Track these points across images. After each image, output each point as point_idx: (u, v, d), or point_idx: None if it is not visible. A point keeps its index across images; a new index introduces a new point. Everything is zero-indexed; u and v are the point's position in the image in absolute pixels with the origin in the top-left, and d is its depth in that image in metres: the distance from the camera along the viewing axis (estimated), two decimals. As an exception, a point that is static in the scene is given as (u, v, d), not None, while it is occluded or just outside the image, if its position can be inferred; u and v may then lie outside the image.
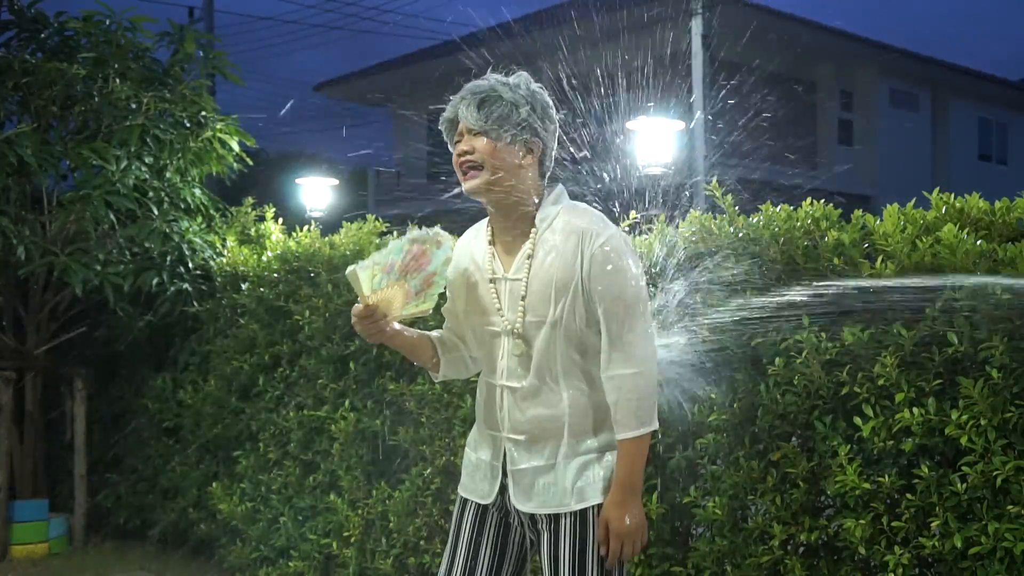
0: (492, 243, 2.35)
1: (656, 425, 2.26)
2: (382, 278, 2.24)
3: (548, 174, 2.35)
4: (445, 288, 2.40)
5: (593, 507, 2.26)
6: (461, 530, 2.39)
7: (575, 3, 18.62)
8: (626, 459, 2.23)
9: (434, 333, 2.49)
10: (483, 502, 2.37)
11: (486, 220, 2.40)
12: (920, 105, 21.26)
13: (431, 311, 2.36)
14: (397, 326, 2.35)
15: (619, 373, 2.22)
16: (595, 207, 2.37)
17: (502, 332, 2.29)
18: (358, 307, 2.25)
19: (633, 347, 2.22)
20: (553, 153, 2.35)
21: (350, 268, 2.22)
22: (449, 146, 2.34)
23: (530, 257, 2.27)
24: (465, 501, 2.42)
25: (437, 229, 2.33)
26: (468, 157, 2.25)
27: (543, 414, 2.27)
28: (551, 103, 2.33)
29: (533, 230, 2.28)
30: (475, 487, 2.39)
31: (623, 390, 2.22)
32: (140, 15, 5.76)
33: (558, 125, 2.35)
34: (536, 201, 2.30)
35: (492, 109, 2.23)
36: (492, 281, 2.31)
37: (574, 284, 2.22)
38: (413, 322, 2.46)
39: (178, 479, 5.43)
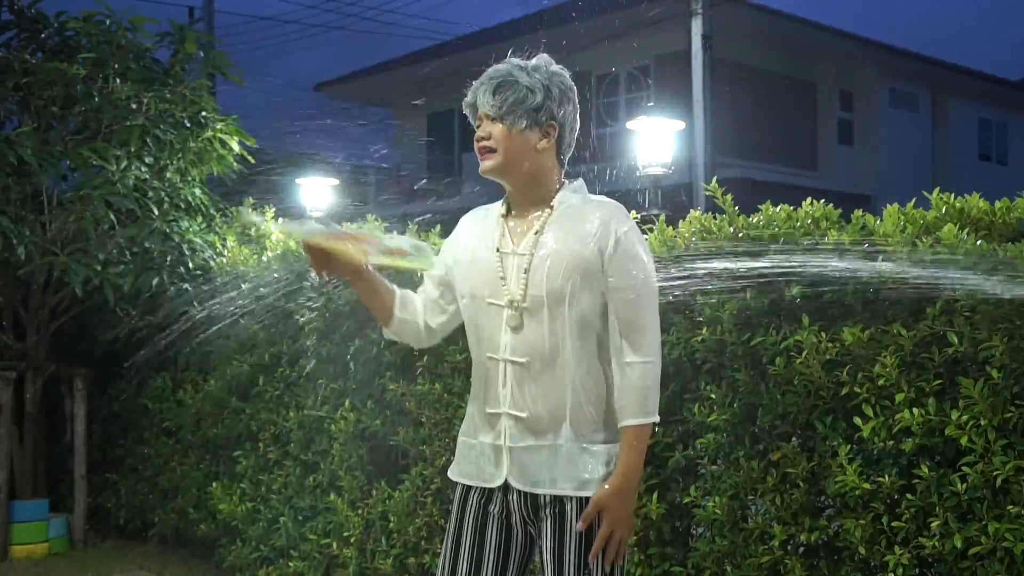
0: (506, 217, 2.37)
1: (658, 417, 2.27)
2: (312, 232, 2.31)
3: (568, 156, 2.37)
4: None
5: None
6: (463, 534, 2.37)
7: (576, 3, 18.63)
8: (628, 447, 2.24)
9: (401, 290, 2.48)
10: (487, 486, 2.36)
11: (502, 199, 2.41)
12: (920, 105, 21.24)
13: (430, 267, 2.38)
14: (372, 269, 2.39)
15: (628, 361, 2.24)
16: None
17: (505, 306, 2.29)
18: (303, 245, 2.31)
19: (643, 336, 2.24)
20: (574, 136, 2.37)
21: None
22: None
23: (538, 233, 2.29)
24: (467, 496, 2.39)
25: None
26: (485, 143, 2.29)
27: (547, 395, 2.27)
28: (571, 85, 2.34)
29: (548, 209, 2.31)
30: (478, 472, 2.37)
31: (631, 378, 2.24)
32: (140, 15, 5.76)
33: (578, 107, 2.36)
34: (554, 184, 2.33)
35: (507, 95, 2.26)
36: (499, 253, 2.32)
37: (591, 267, 2.24)
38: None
39: (178, 479, 5.43)
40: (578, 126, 2.38)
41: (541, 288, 2.25)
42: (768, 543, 2.93)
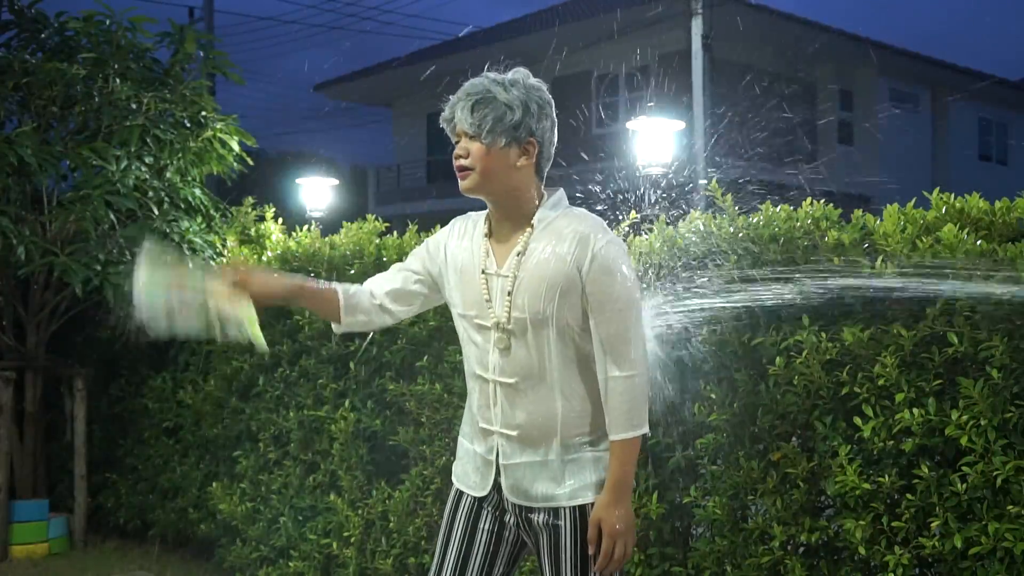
0: (488, 236, 2.36)
1: (647, 429, 2.27)
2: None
3: (547, 170, 2.35)
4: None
5: (591, 505, 2.28)
6: (454, 525, 2.40)
7: (576, 3, 18.62)
8: (618, 461, 2.25)
9: (345, 287, 2.48)
10: (476, 495, 2.37)
11: (485, 213, 2.40)
12: (920, 105, 21.25)
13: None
14: (288, 282, 2.44)
15: (612, 375, 2.24)
16: (595, 209, 2.38)
17: (491, 327, 2.29)
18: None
19: (626, 350, 2.23)
20: (552, 149, 2.34)
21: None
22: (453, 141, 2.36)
23: (520, 255, 2.28)
24: (460, 494, 2.42)
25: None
26: (462, 161, 2.27)
27: (536, 412, 2.28)
28: (549, 99, 2.32)
29: (528, 229, 2.29)
30: (468, 479, 2.40)
31: (616, 392, 2.24)
32: (140, 15, 5.76)
33: (556, 120, 2.33)
34: (534, 200, 2.31)
35: (485, 113, 2.23)
36: (484, 274, 2.32)
37: (571, 285, 2.23)
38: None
39: (178, 479, 5.43)
40: (556, 139, 2.34)
41: (524, 310, 2.24)
42: (768, 543, 2.93)
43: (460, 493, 2.42)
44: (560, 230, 2.27)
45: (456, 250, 2.39)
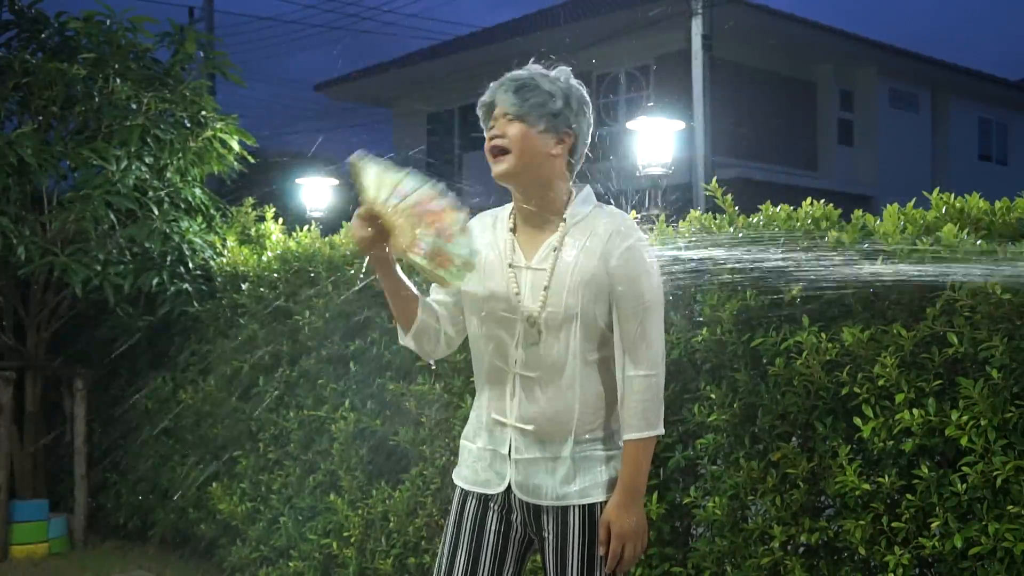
0: (514, 231, 2.35)
1: (662, 430, 2.27)
2: (390, 196, 2.20)
3: (576, 170, 2.36)
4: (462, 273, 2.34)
5: (600, 504, 2.27)
6: (461, 528, 2.37)
7: (576, 3, 18.62)
8: (631, 461, 2.24)
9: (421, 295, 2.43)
10: (487, 492, 2.35)
11: (507, 207, 2.40)
12: (920, 105, 21.23)
13: (449, 285, 2.30)
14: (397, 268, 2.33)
15: (630, 374, 2.24)
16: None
17: (519, 320, 2.29)
18: (361, 209, 2.22)
19: (647, 349, 2.24)
20: (585, 148, 2.36)
21: (355, 155, 2.20)
22: (485, 133, 2.35)
23: (556, 249, 2.27)
24: (466, 496, 2.39)
25: (465, 218, 2.26)
26: (498, 141, 2.26)
27: (555, 406, 2.27)
28: (588, 100, 2.34)
29: (562, 224, 2.29)
30: (477, 477, 2.37)
31: (632, 391, 2.23)
32: (140, 15, 5.77)
33: (591, 122, 2.35)
34: (564, 195, 2.31)
35: (528, 96, 2.25)
36: (512, 267, 2.31)
37: (601, 281, 2.24)
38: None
39: (178, 479, 5.42)
40: (589, 141, 2.36)
41: (559, 304, 2.24)
42: (768, 543, 2.93)
43: (465, 496, 2.39)
44: (594, 226, 2.28)
45: (479, 245, 2.37)
